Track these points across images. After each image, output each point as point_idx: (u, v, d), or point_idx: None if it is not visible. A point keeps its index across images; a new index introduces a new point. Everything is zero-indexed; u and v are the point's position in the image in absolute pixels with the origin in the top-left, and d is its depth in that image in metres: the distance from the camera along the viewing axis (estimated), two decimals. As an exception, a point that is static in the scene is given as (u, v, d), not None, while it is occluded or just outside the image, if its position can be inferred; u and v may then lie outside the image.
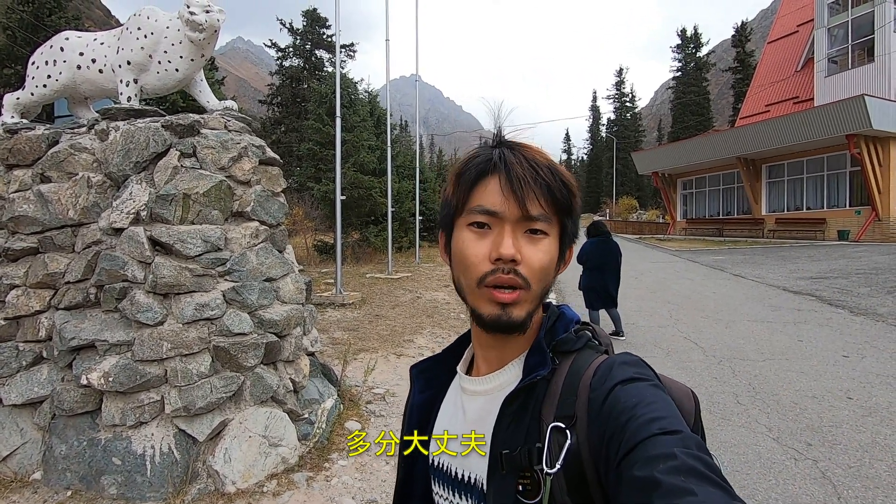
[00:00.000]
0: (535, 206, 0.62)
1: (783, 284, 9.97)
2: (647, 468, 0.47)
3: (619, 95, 63.06)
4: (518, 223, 0.63)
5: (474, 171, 0.65)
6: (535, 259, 0.63)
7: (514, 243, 0.62)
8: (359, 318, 7.61)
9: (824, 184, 21.27)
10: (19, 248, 3.17)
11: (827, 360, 5.23)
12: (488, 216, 0.63)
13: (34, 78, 3.60)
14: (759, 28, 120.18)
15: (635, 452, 0.49)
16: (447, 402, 0.77)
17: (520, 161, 0.63)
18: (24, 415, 3.06)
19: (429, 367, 0.81)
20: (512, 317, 0.63)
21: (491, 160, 0.65)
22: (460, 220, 0.66)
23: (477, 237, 0.64)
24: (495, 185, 0.63)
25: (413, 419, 0.79)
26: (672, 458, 0.46)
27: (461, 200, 0.66)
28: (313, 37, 29.95)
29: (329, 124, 14.92)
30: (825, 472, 3.07)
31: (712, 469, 0.46)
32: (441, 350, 0.82)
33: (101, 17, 70.34)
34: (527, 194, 0.62)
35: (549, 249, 0.64)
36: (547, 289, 0.66)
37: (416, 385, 0.80)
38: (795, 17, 29.16)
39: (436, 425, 0.76)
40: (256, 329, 3.17)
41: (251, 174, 3.39)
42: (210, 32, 3.32)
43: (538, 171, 0.63)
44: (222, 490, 2.81)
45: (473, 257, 0.63)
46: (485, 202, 0.64)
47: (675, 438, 0.49)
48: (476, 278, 0.63)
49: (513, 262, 0.61)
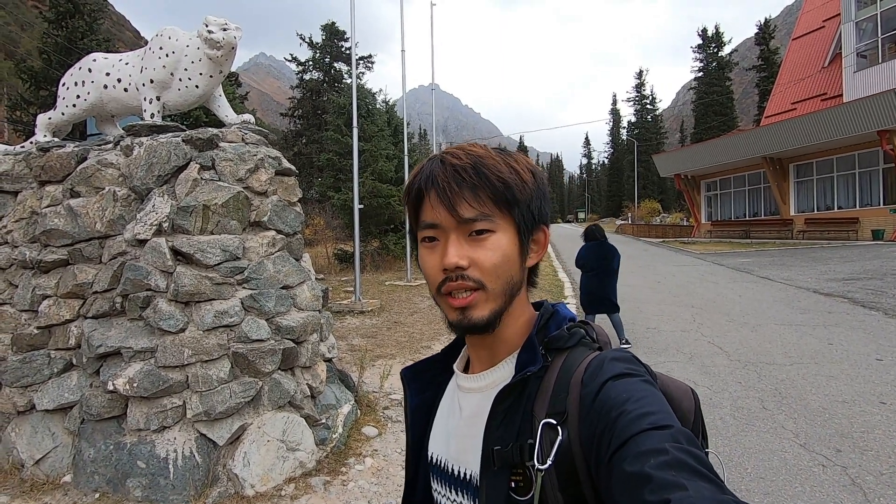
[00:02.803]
0: (465, 208, 0.63)
1: (813, 286, 9.64)
2: (638, 463, 0.47)
3: (639, 98, 62.25)
4: (459, 228, 0.64)
5: (414, 193, 0.68)
6: (483, 259, 0.64)
7: (457, 251, 0.63)
8: (377, 326, 7.67)
9: (856, 182, 20.52)
10: (51, 259, 3.32)
11: (859, 363, 5.04)
12: (433, 229, 0.66)
13: (64, 98, 3.78)
14: (784, 25, 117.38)
15: (626, 448, 0.49)
16: (445, 400, 0.78)
17: (444, 170, 0.65)
18: (55, 420, 3.19)
19: (424, 369, 0.82)
20: (472, 319, 0.64)
21: (422, 181, 0.67)
22: (418, 236, 0.70)
23: (429, 251, 0.67)
24: (429, 201, 0.66)
25: (414, 421, 0.80)
26: (663, 452, 0.47)
27: (412, 221, 0.70)
28: (332, 50, 30.56)
29: (347, 135, 15.17)
30: (855, 479, 2.95)
31: (703, 463, 0.47)
32: (439, 351, 0.83)
33: (132, 39, 73.17)
34: (454, 200, 0.63)
35: (499, 246, 0.65)
36: (512, 284, 0.66)
37: (412, 388, 0.81)
38: (821, 12, 28.37)
39: (434, 423, 0.78)
40: (274, 335, 3.24)
41: (267, 185, 3.48)
42: (227, 50, 3.45)
43: (461, 174, 0.64)
44: (242, 493, 2.87)
45: (428, 269, 0.67)
46: (426, 217, 0.67)
47: (665, 433, 0.49)
48: (434, 288, 0.67)
49: (459, 269, 0.63)
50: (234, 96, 17.80)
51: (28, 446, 3.13)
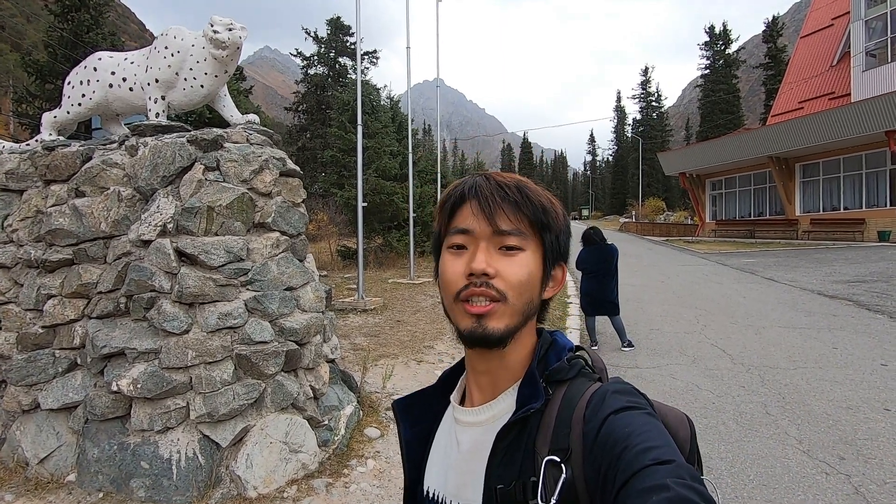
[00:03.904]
0: (504, 220, 0.65)
1: (818, 288, 9.59)
2: (641, 500, 0.47)
3: (644, 95, 61.92)
4: (491, 240, 0.66)
5: (452, 200, 0.70)
6: (510, 272, 0.65)
7: (486, 258, 0.64)
8: (380, 324, 7.68)
9: (863, 182, 20.37)
10: (56, 259, 3.33)
11: (864, 368, 5.02)
12: (464, 235, 0.67)
13: (70, 97, 3.78)
14: (792, 22, 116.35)
15: (630, 485, 0.50)
16: (440, 433, 0.77)
17: (489, 184, 0.68)
18: (59, 419, 3.21)
19: (418, 401, 0.81)
20: (488, 329, 0.64)
21: (465, 188, 0.69)
22: (444, 243, 0.70)
23: (455, 257, 0.68)
24: (469, 208, 0.68)
25: (409, 453, 0.79)
26: (665, 489, 0.47)
27: (443, 227, 0.71)
28: (337, 45, 30.46)
29: (351, 131, 15.14)
30: (858, 487, 2.94)
31: (705, 499, 0.47)
32: (435, 381, 0.82)
33: (137, 32, 73.16)
34: (495, 211, 0.65)
35: (526, 264, 0.66)
36: (531, 306, 0.67)
37: (406, 420, 0.80)
38: (830, 10, 28.08)
39: (430, 457, 0.77)
40: (277, 337, 3.25)
41: (272, 186, 3.48)
42: (233, 49, 3.43)
43: (505, 190, 0.67)
44: (244, 495, 2.89)
45: (451, 275, 0.67)
46: (460, 223, 0.68)
47: (668, 468, 0.50)
48: (453, 294, 0.66)
49: (485, 276, 0.64)
50: (238, 90, 17.78)
51: (33, 445, 3.15)
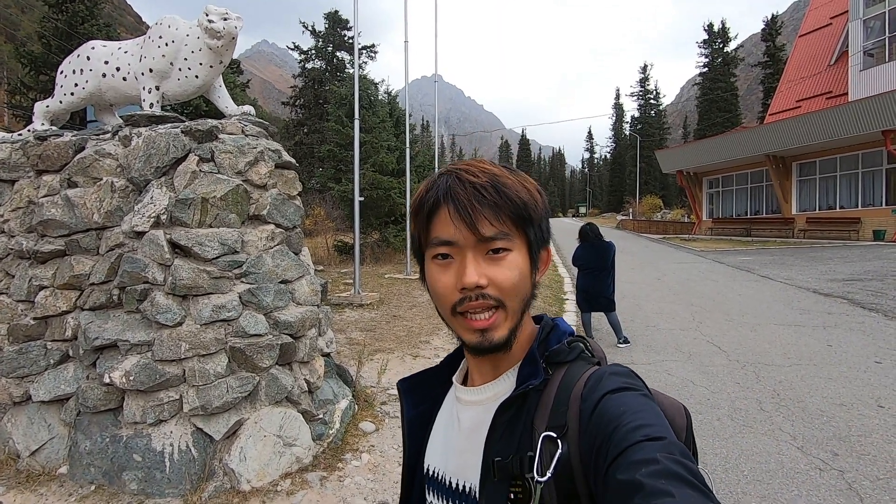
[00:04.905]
0: (486, 226, 0.63)
1: (813, 286, 9.63)
2: (630, 472, 0.48)
3: (643, 92, 61.87)
4: (477, 247, 0.64)
5: (426, 207, 0.66)
6: (502, 278, 0.64)
7: (476, 269, 0.63)
8: (376, 319, 7.66)
9: (859, 182, 20.45)
10: (47, 250, 3.29)
11: (858, 366, 5.03)
12: (447, 246, 0.65)
13: (62, 86, 3.73)
14: (791, 21, 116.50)
15: (620, 458, 0.51)
16: (443, 412, 0.78)
17: (464, 188, 0.64)
18: (51, 411, 3.18)
19: (422, 381, 0.82)
20: (494, 340, 0.64)
21: (439, 194, 0.65)
22: (427, 252, 0.68)
23: (441, 269, 0.66)
24: (446, 214, 0.64)
25: (411, 432, 0.80)
26: (654, 462, 0.48)
27: (422, 233, 0.68)
28: (335, 39, 30.29)
29: (348, 126, 15.07)
30: (852, 483, 2.95)
31: (693, 474, 0.48)
32: (438, 363, 0.83)
33: (133, 24, 72.58)
34: (476, 218, 0.62)
35: (516, 264, 0.65)
36: (526, 300, 0.67)
37: (409, 399, 0.81)
38: (829, 8, 28.10)
39: (432, 435, 0.78)
40: (272, 330, 3.22)
41: (267, 178, 3.45)
42: (228, 39, 3.39)
43: (482, 193, 0.63)
44: (238, 488, 2.87)
45: (442, 289, 0.65)
46: (441, 233, 0.65)
47: (658, 444, 0.50)
48: (448, 308, 0.65)
49: (478, 289, 0.62)
50: (235, 84, 17.66)
51: (24, 437, 3.12)
